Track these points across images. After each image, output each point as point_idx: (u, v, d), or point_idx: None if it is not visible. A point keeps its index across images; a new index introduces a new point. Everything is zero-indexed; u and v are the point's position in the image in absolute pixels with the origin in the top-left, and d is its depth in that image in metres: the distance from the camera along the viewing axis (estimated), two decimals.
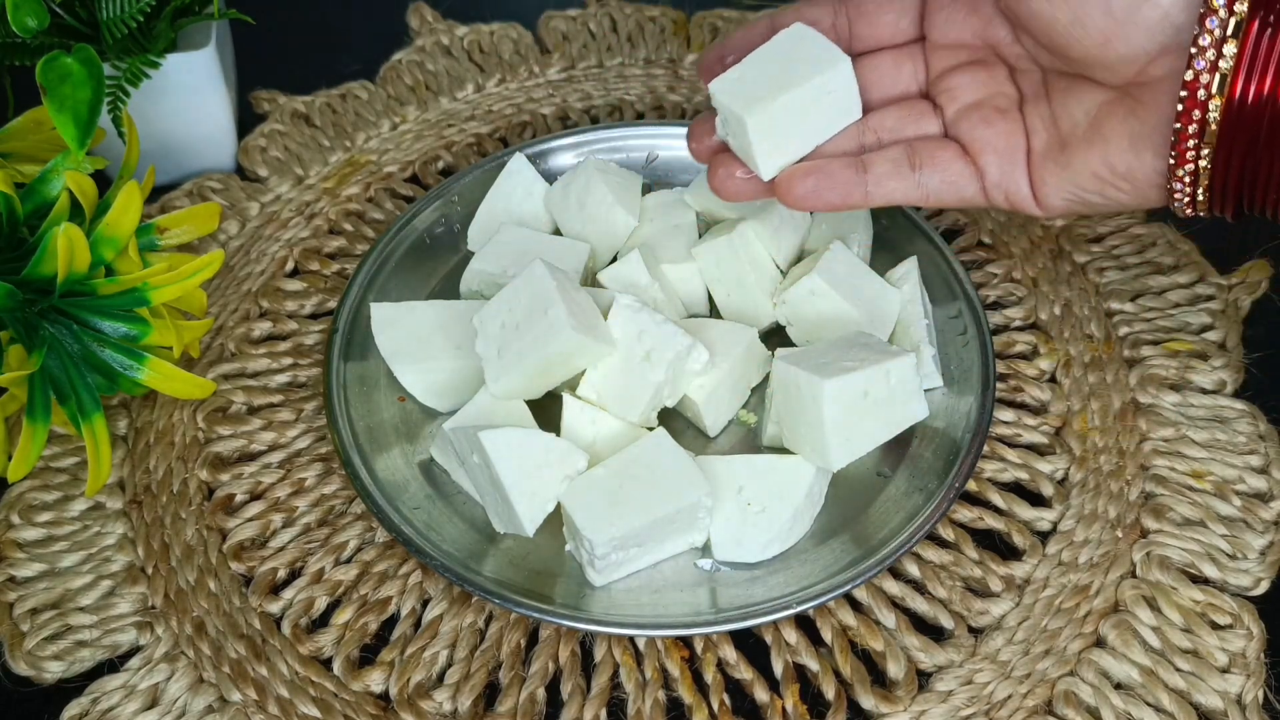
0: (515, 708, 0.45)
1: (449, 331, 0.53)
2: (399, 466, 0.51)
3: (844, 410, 0.47)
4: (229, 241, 0.62)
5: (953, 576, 0.48)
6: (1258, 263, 0.58)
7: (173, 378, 0.50)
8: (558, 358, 0.48)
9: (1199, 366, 0.54)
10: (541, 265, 0.48)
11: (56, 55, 0.50)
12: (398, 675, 0.46)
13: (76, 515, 0.51)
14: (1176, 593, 0.47)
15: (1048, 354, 0.55)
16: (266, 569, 0.49)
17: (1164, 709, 0.44)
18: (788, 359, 0.48)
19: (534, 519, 0.46)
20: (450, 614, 0.47)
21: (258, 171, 0.66)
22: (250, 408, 0.55)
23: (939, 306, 0.55)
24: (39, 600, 0.48)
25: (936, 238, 0.57)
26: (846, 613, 0.47)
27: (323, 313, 0.59)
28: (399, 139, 0.68)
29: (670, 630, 0.45)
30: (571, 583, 0.47)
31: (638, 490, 0.45)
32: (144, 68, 0.57)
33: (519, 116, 0.69)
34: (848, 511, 0.49)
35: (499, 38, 0.74)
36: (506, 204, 0.59)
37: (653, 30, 0.74)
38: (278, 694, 0.45)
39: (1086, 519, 0.49)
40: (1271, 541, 0.48)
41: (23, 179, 0.50)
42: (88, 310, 0.48)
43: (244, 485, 0.52)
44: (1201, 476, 0.50)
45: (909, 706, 0.44)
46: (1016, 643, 0.46)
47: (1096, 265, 0.59)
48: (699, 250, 0.55)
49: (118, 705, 0.45)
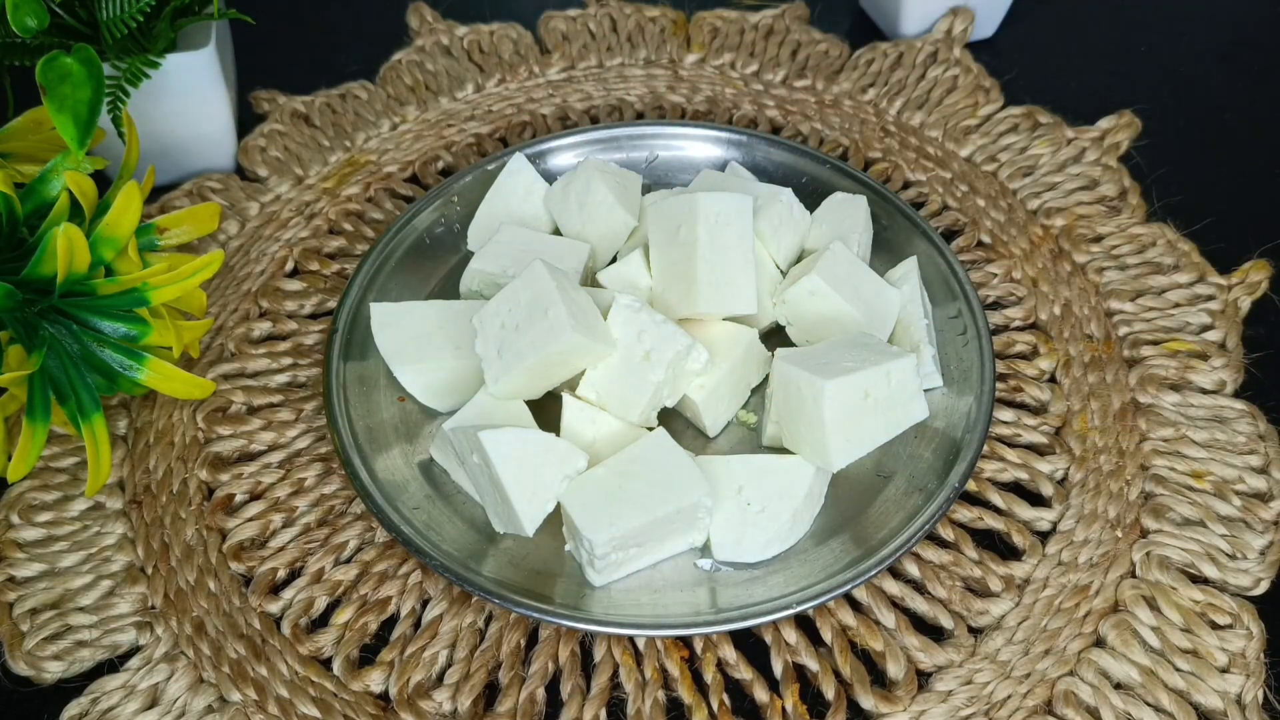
0: (515, 708, 0.45)
1: (449, 331, 0.53)
2: (399, 466, 0.51)
3: (845, 411, 0.47)
4: (229, 241, 0.62)
5: (952, 576, 0.48)
6: (1258, 263, 0.58)
7: (172, 378, 0.50)
8: (558, 358, 0.48)
9: (1199, 366, 0.54)
10: (541, 265, 0.48)
11: (56, 55, 0.50)
12: (397, 675, 0.46)
13: (76, 515, 0.51)
14: (1176, 593, 0.47)
15: (1047, 354, 0.55)
16: (266, 569, 0.49)
17: (1164, 709, 0.44)
18: (788, 359, 0.48)
19: (534, 519, 0.46)
20: (450, 614, 0.47)
21: (257, 171, 0.66)
22: (250, 408, 0.55)
23: (939, 306, 0.55)
24: (39, 600, 0.48)
25: (936, 238, 0.57)
26: (846, 613, 0.47)
27: (322, 313, 0.59)
28: (399, 139, 0.68)
29: (670, 630, 0.45)
30: (571, 583, 0.47)
31: (637, 490, 0.45)
32: (144, 68, 0.57)
33: (519, 116, 0.69)
34: (848, 511, 0.49)
35: (499, 38, 0.74)
36: (506, 204, 0.60)
37: (653, 30, 0.74)
38: (277, 694, 0.45)
39: (1086, 519, 0.49)
40: (1271, 541, 0.48)
41: (23, 179, 0.50)
42: (87, 310, 0.48)
43: (244, 485, 0.52)
44: (1201, 476, 0.50)
45: (909, 706, 0.44)
46: (1016, 643, 0.46)
47: (1096, 265, 0.59)
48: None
49: (117, 705, 0.45)
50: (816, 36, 0.73)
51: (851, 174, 0.60)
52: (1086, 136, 0.66)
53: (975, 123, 0.67)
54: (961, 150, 0.66)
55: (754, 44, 0.73)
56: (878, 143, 0.66)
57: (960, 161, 0.65)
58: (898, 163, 0.65)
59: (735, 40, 0.73)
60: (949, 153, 0.66)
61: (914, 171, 0.64)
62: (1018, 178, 0.64)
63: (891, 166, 0.65)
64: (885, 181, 0.64)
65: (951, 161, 0.65)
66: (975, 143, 0.66)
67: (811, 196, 0.58)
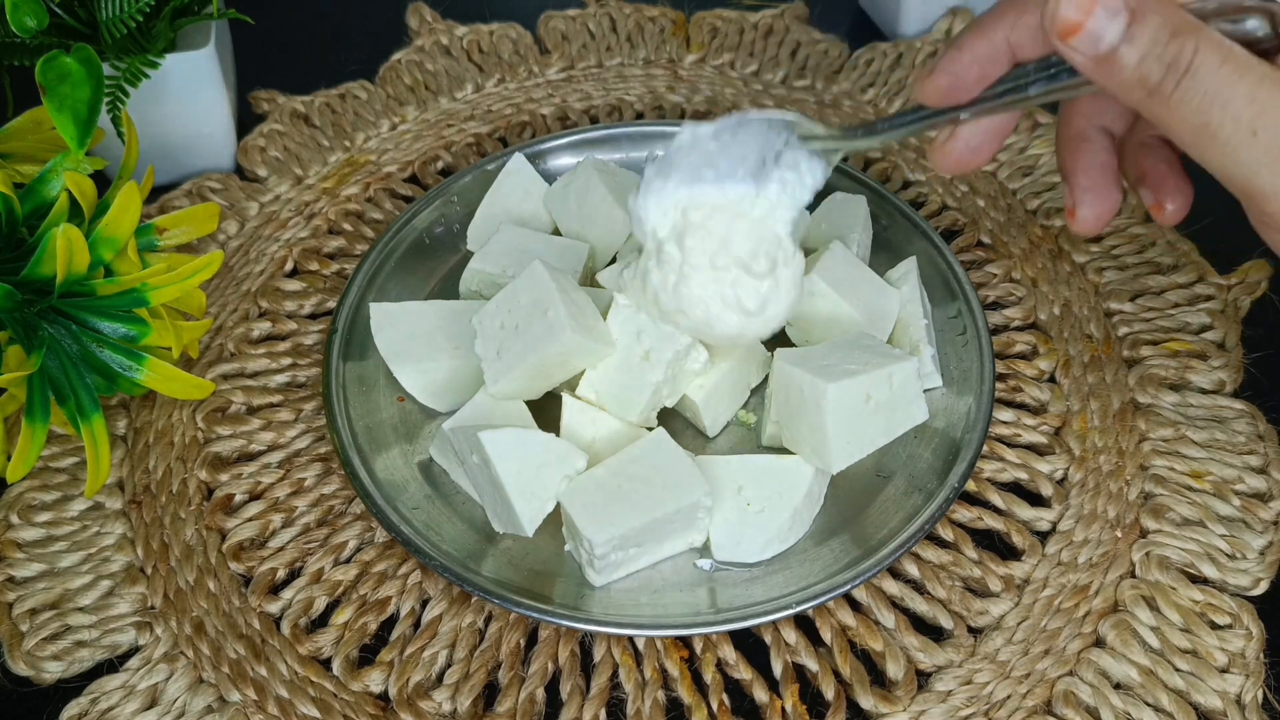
0: (514, 708, 0.45)
1: (448, 331, 0.53)
2: (398, 466, 0.51)
3: (846, 413, 0.47)
4: (228, 242, 0.62)
5: (952, 576, 0.48)
6: (1257, 263, 0.58)
7: (172, 378, 0.50)
8: (557, 358, 0.48)
9: (1198, 366, 0.54)
10: (541, 266, 0.48)
11: (56, 55, 0.50)
12: (397, 675, 0.46)
13: (76, 515, 0.51)
14: (1175, 593, 0.47)
15: (1047, 354, 0.55)
16: (266, 569, 0.49)
17: (1163, 709, 0.44)
18: (789, 360, 0.48)
19: (533, 519, 0.46)
20: (449, 614, 0.47)
21: (257, 171, 0.66)
22: (249, 408, 0.55)
23: (939, 306, 0.55)
24: (38, 600, 0.48)
25: (936, 238, 0.57)
26: (846, 613, 0.47)
27: (322, 313, 0.59)
28: (398, 139, 0.68)
29: (669, 630, 0.45)
30: (571, 583, 0.47)
31: (637, 490, 0.45)
32: (143, 68, 0.57)
33: (518, 116, 0.69)
34: (847, 512, 0.49)
35: (498, 38, 0.74)
36: (506, 204, 0.59)
37: (652, 30, 0.74)
38: (277, 694, 0.45)
39: (1086, 519, 0.49)
40: (1270, 541, 0.48)
41: (22, 179, 0.50)
42: (87, 311, 0.48)
43: (243, 485, 0.52)
44: (1200, 476, 0.50)
45: (908, 706, 0.44)
46: (1016, 643, 0.46)
47: (1096, 265, 0.59)
48: None
49: (117, 705, 0.45)
50: (816, 36, 0.73)
51: (851, 174, 0.60)
52: None
53: None
54: None
55: (753, 44, 0.73)
56: None
57: None
58: (897, 163, 0.65)
59: (735, 40, 0.73)
60: None
61: (914, 171, 0.64)
62: (1017, 178, 0.64)
63: (891, 166, 0.65)
64: (885, 181, 0.64)
65: None
66: None
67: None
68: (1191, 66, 0.36)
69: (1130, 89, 0.37)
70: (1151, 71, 0.36)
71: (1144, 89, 0.37)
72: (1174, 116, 0.37)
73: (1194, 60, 0.36)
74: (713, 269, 0.45)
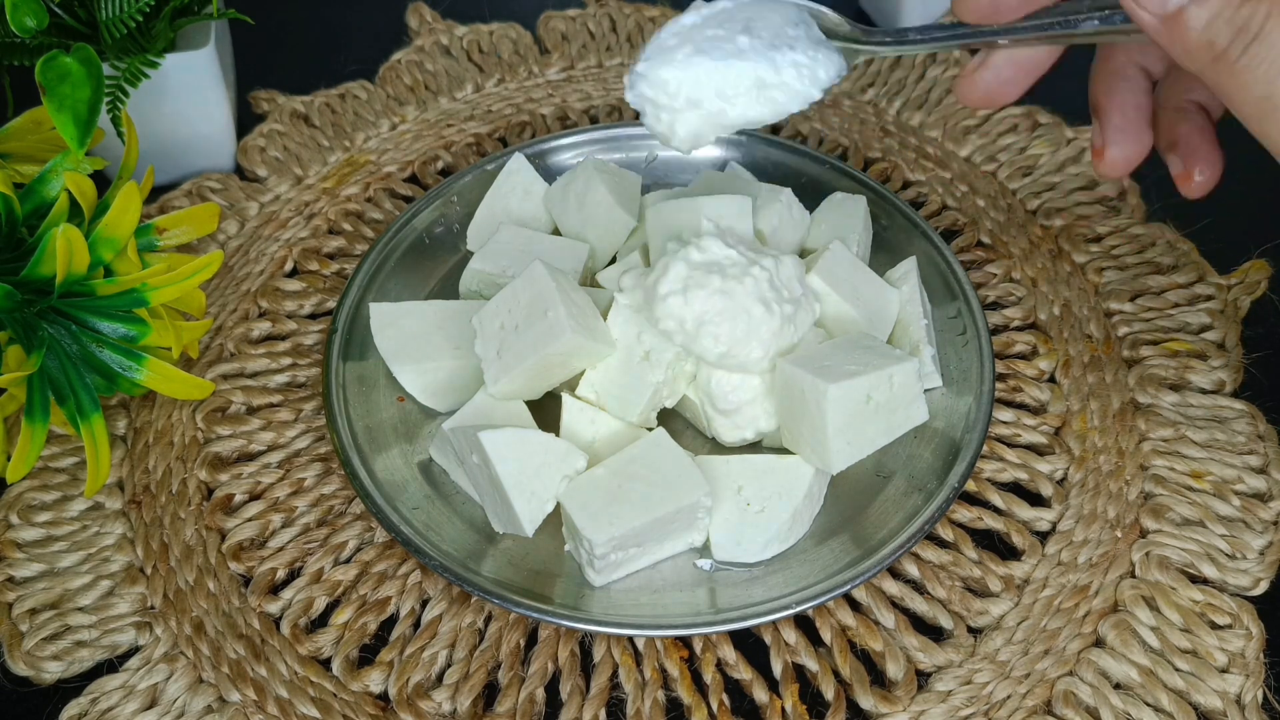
0: (514, 708, 0.45)
1: (448, 331, 0.53)
2: (398, 466, 0.51)
3: (847, 414, 0.47)
4: (228, 242, 0.62)
5: (952, 576, 0.48)
6: (1257, 263, 0.58)
7: (171, 378, 0.50)
8: (557, 358, 0.48)
9: (1198, 366, 0.54)
10: (541, 266, 0.48)
11: (56, 55, 0.50)
12: (397, 675, 0.46)
13: (75, 515, 0.51)
14: (1175, 593, 0.47)
15: (1047, 354, 0.55)
16: (265, 569, 0.49)
17: (1163, 709, 0.44)
18: (790, 360, 0.48)
19: (533, 519, 0.46)
20: (449, 614, 0.47)
21: (257, 171, 0.66)
22: (249, 408, 0.55)
23: (938, 306, 0.55)
24: (38, 600, 0.48)
25: (936, 238, 0.57)
26: (846, 613, 0.47)
27: (322, 313, 0.59)
28: (398, 139, 0.68)
29: (669, 630, 0.45)
30: (571, 583, 0.47)
31: (637, 490, 0.45)
32: (143, 68, 0.57)
33: (518, 116, 0.69)
34: (847, 511, 0.49)
35: (498, 38, 0.74)
36: (506, 204, 0.59)
37: (652, 30, 0.74)
38: (277, 694, 0.45)
39: (1086, 519, 0.49)
40: (1270, 541, 0.48)
41: (22, 179, 0.50)
42: (86, 311, 0.48)
43: (243, 485, 0.52)
44: (1200, 476, 0.50)
45: (908, 706, 0.44)
46: (1016, 643, 0.46)
47: (1096, 265, 0.59)
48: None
49: (117, 705, 0.45)
50: None
51: (851, 174, 0.60)
52: (1086, 137, 0.66)
53: (974, 123, 0.67)
54: (961, 150, 0.66)
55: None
56: (877, 143, 0.66)
57: (960, 161, 0.65)
58: (897, 162, 0.65)
59: None
60: (948, 153, 0.66)
61: (913, 171, 0.64)
62: (1017, 178, 0.64)
63: (891, 166, 0.65)
64: (885, 181, 0.64)
65: (951, 161, 0.65)
66: (974, 143, 0.66)
67: (811, 196, 0.58)
68: (1262, 32, 0.34)
69: (1194, 53, 0.35)
70: (1219, 35, 0.35)
71: (1209, 53, 0.35)
72: (1237, 85, 0.35)
73: (1265, 26, 0.34)
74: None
